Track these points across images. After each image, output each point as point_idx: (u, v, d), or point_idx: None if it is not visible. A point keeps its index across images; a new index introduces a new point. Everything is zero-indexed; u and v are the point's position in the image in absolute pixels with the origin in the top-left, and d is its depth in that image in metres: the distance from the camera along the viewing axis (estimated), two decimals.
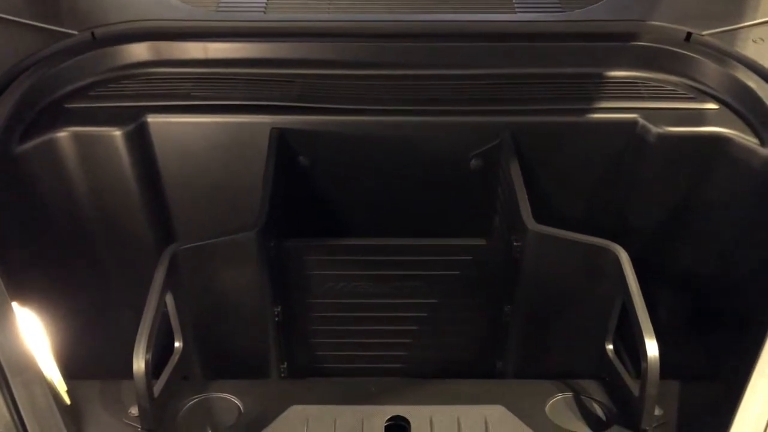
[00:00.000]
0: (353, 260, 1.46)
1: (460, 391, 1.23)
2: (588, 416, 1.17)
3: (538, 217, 1.33)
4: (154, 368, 1.14)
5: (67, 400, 1.09)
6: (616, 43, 1.54)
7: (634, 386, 1.14)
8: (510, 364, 1.51)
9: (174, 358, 1.22)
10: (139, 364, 1.08)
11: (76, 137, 1.42)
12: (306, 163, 1.52)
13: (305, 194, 1.56)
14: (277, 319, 1.46)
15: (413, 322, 1.54)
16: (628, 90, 1.50)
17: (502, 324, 1.49)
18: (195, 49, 1.54)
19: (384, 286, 1.49)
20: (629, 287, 1.17)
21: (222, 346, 1.41)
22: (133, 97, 1.48)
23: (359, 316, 1.52)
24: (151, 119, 1.45)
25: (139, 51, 1.53)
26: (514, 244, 1.36)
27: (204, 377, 1.40)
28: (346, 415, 1.00)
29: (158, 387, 1.13)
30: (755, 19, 1.58)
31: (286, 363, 1.54)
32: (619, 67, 1.53)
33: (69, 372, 1.12)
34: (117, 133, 1.42)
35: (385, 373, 1.52)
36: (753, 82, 1.43)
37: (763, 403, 0.96)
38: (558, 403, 1.19)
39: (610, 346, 1.26)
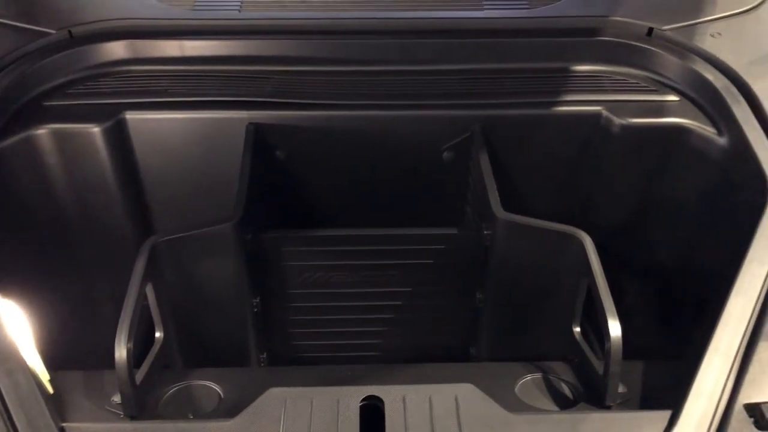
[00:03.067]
0: (330, 251, 1.50)
1: (433, 373, 1.28)
2: (556, 395, 1.22)
3: (508, 206, 1.38)
4: (136, 358, 1.17)
5: (50, 389, 1.11)
6: (581, 38, 1.59)
7: (599, 366, 1.19)
8: (483, 349, 1.56)
9: (155, 348, 1.25)
10: (120, 353, 1.11)
11: (55, 134, 1.44)
12: (282, 157, 1.56)
13: (282, 187, 1.60)
14: (255, 309, 1.49)
15: (389, 310, 1.58)
16: (593, 83, 1.55)
17: (475, 310, 1.54)
18: (171, 47, 1.57)
19: (360, 275, 1.52)
20: (593, 271, 1.22)
21: (202, 337, 1.44)
22: (110, 94, 1.50)
23: (337, 306, 1.56)
24: (129, 116, 1.48)
25: (117, 49, 1.56)
26: (485, 232, 1.41)
27: (185, 367, 1.43)
28: (323, 395, 1.03)
29: (140, 375, 1.16)
30: (713, 15, 1.63)
31: (265, 353, 1.57)
32: (584, 61, 1.58)
33: (52, 363, 1.15)
34: (95, 129, 1.45)
35: (362, 361, 1.55)
36: (711, 74, 1.49)
37: (716, 377, 1.02)
38: (527, 384, 1.24)
39: (578, 329, 1.32)
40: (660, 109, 1.50)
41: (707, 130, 1.44)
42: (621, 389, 1.18)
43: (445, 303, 1.57)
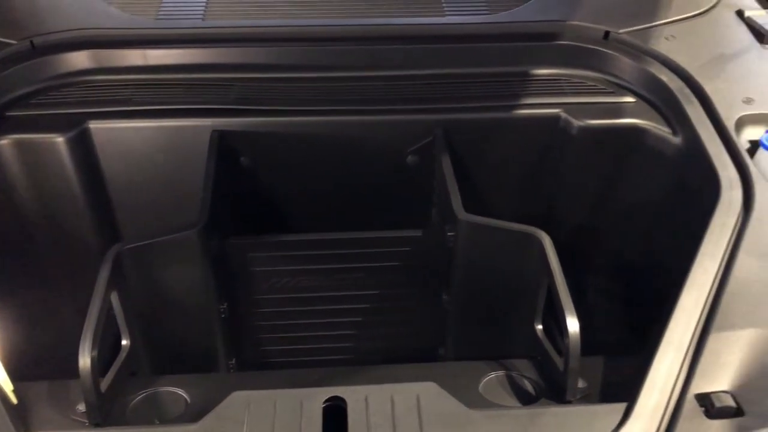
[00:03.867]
0: (296, 255, 1.52)
1: (398, 374, 1.30)
2: (518, 392, 1.25)
3: (471, 208, 1.40)
4: (103, 366, 1.17)
5: (14, 400, 1.11)
6: (540, 42, 1.63)
7: (560, 362, 1.22)
8: (451, 349, 1.58)
9: (121, 356, 1.25)
10: (84, 361, 1.11)
11: (18, 144, 1.44)
12: (247, 164, 1.57)
13: (248, 193, 1.61)
14: (223, 315, 1.50)
15: (357, 313, 1.60)
16: (552, 86, 1.58)
17: (442, 311, 1.56)
18: (135, 56, 1.58)
19: (327, 279, 1.54)
20: (552, 270, 1.25)
21: (170, 344, 1.44)
22: (74, 104, 1.51)
23: (305, 310, 1.57)
24: (93, 125, 1.48)
25: (79, 59, 1.56)
26: (448, 234, 1.44)
27: (153, 374, 1.43)
28: (286, 397, 1.04)
29: (105, 383, 1.17)
30: (668, 18, 1.68)
31: (234, 359, 1.58)
32: (543, 65, 1.61)
33: (16, 374, 1.15)
34: (59, 139, 1.45)
35: (332, 364, 1.57)
36: (665, 76, 1.53)
37: (669, 369, 1.05)
38: (491, 381, 1.26)
39: (540, 326, 1.34)
40: (617, 110, 1.54)
41: (662, 130, 1.48)
42: (581, 384, 1.21)
43: (413, 304, 1.59)
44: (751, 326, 1.07)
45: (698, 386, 1.02)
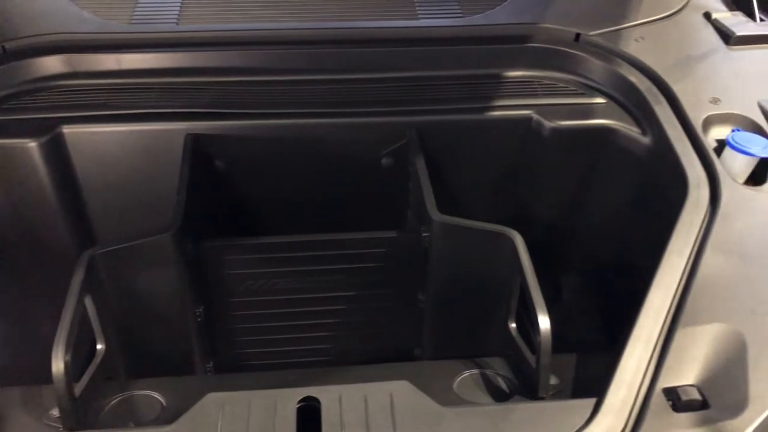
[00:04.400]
0: (272, 257, 1.52)
1: (374, 374, 1.31)
2: (492, 389, 1.27)
3: (446, 209, 1.42)
4: (78, 371, 1.17)
5: None
6: (512, 45, 1.65)
7: (532, 359, 1.24)
8: (427, 349, 1.59)
9: (96, 360, 1.25)
10: (58, 366, 1.11)
11: None
12: (222, 167, 1.57)
13: (224, 196, 1.61)
14: (199, 319, 1.50)
15: (334, 314, 1.60)
16: (524, 88, 1.60)
17: (418, 312, 1.57)
18: (108, 61, 1.58)
19: (303, 281, 1.54)
20: (524, 269, 1.27)
21: (146, 348, 1.44)
22: (47, 108, 1.50)
23: (281, 312, 1.57)
24: (67, 130, 1.48)
25: (52, 64, 1.56)
26: (423, 234, 1.45)
27: (129, 378, 1.43)
28: (260, 398, 1.05)
29: (79, 388, 1.17)
30: (637, 20, 1.71)
31: (211, 362, 1.58)
32: (515, 67, 1.63)
33: None
34: (32, 144, 1.44)
35: (309, 366, 1.57)
36: (635, 77, 1.56)
37: (638, 364, 1.07)
38: (465, 380, 1.28)
39: (513, 325, 1.36)
40: (588, 111, 1.56)
41: (632, 130, 1.51)
42: (553, 381, 1.23)
43: (389, 305, 1.60)
44: (717, 321, 1.09)
45: (665, 381, 1.04)
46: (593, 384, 1.15)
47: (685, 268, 1.18)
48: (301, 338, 1.61)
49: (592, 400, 1.04)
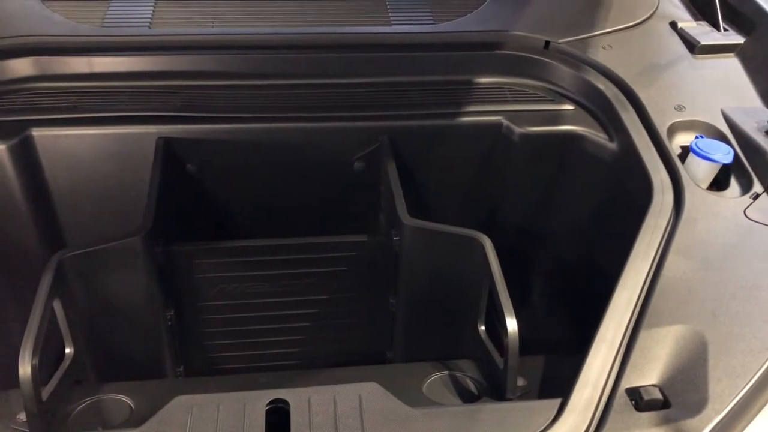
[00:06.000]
0: (243, 261, 1.52)
1: (344, 376, 1.31)
2: (461, 391, 1.28)
3: (418, 213, 1.43)
4: (47, 375, 1.16)
5: None
6: (483, 51, 1.67)
7: (500, 361, 1.26)
8: (399, 352, 1.61)
9: (64, 364, 1.24)
10: (24, 369, 1.10)
11: None
12: (194, 171, 1.57)
13: (195, 200, 1.61)
14: (169, 323, 1.50)
15: (306, 318, 1.61)
16: (494, 94, 1.63)
17: (390, 315, 1.59)
18: (79, 64, 1.57)
19: (275, 285, 1.55)
20: (492, 272, 1.29)
21: (116, 351, 1.44)
22: (16, 111, 1.49)
23: (253, 316, 1.58)
24: (36, 133, 1.47)
25: (22, 66, 1.55)
26: (394, 238, 1.46)
27: (98, 381, 1.42)
28: (229, 401, 1.05)
29: (47, 392, 1.16)
30: (605, 29, 1.74)
31: (182, 366, 1.58)
32: (486, 73, 1.66)
33: None
34: (1, 147, 1.43)
35: (281, 369, 1.57)
36: (603, 84, 1.59)
37: (602, 365, 1.09)
38: (434, 382, 1.29)
39: (482, 327, 1.38)
40: (556, 117, 1.59)
41: (599, 136, 1.54)
42: (521, 383, 1.24)
43: (361, 309, 1.61)
44: (679, 323, 1.12)
45: (629, 381, 1.06)
46: (560, 385, 1.17)
47: (649, 270, 1.21)
48: (272, 342, 1.62)
49: (558, 401, 1.06)
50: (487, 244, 1.33)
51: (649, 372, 1.07)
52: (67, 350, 1.27)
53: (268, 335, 1.61)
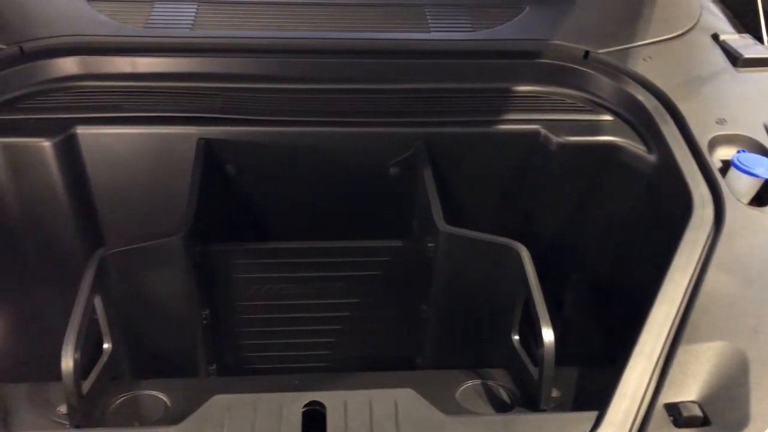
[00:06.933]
0: (279, 263, 1.53)
1: (377, 381, 1.32)
2: (494, 400, 1.27)
3: (452, 220, 1.43)
4: (84, 370, 1.18)
5: None
6: (521, 60, 1.67)
7: (534, 372, 1.25)
8: (428, 358, 1.61)
9: (102, 359, 1.26)
10: (67, 363, 1.12)
11: (6, 148, 1.45)
12: (232, 172, 1.59)
13: (233, 201, 1.63)
14: (204, 321, 1.51)
15: (337, 321, 1.61)
16: (532, 103, 1.62)
17: (420, 321, 1.59)
18: (123, 64, 1.60)
19: (308, 287, 1.56)
20: (529, 282, 1.28)
21: (151, 348, 1.46)
22: (62, 109, 1.52)
23: (286, 317, 1.59)
24: (80, 131, 1.50)
25: (68, 65, 1.58)
26: (429, 245, 1.46)
27: (133, 378, 1.44)
28: (266, 402, 1.06)
29: (86, 386, 1.18)
30: (646, 40, 1.73)
31: (215, 364, 1.59)
32: (524, 82, 1.65)
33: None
34: (46, 144, 1.46)
35: (311, 371, 1.58)
36: (642, 95, 1.58)
37: (640, 379, 1.08)
38: (467, 390, 1.29)
39: (516, 337, 1.37)
40: (595, 128, 1.58)
41: (638, 147, 1.53)
42: (555, 394, 1.24)
43: (392, 314, 1.61)
44: (719, 339, 1.10)
45: (667, 396, 1.05)
46: (593, 397, 1.17)
47: (689, 285, 1.19)
48: (303, 343, 1.63)
49: (594, 413, 1.05)
50: (524, 253, 1.33)
51: (689, 388, 1.06)
52: (105, 346, 1.29)
53: (299, 336, 1.62)
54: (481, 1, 1.82)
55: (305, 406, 1.07)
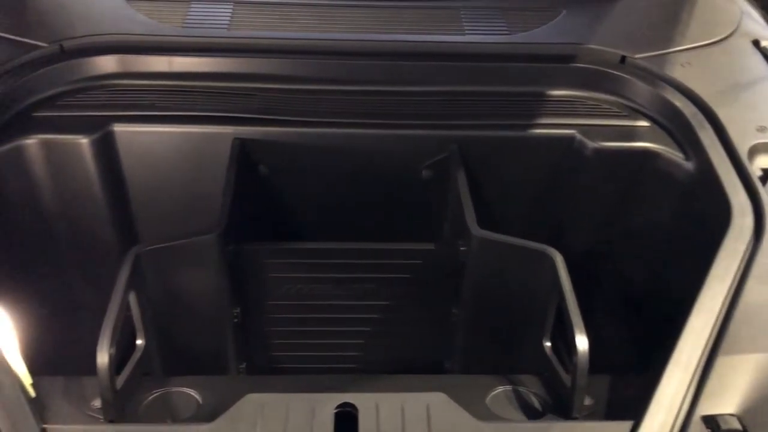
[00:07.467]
0: (310, 263, 1.54)
1: (407, 384, 1.32)
2: (525, 407, 1.26)
3: (484, 224, 1.43)
4: (117, 365, 1.19)
5: (32, 393, 1.14)
6: (557, 64, 1.65)
7: (567, 379, 1.24)
8: (458, 363, 1.60)
9: (136, 355, 1.28)
10: (102, 358, 1.13)
11: (44, 144, 1.48)
12: (266, 172, 1.60)
13: (266, 201, 1.64)
14: (235, 320, 1.52)
15: (367, 323, 1.61)
16: (567, 108, 1.61)
17: (451, 325, 1.58)
18: (160, 63, 1.61)
19: (339, 288, 1.56)
20: (563, 288, 1.27)
21: (182, 345, 1.47)
22: (99, 107, 1.54)
23: (316, 318, 1.59)
24: (118, 128, 1.52)
25: (106, 63, 1.60)
26: (461, 248, 1.46)
27: (164, 374, 1.46)
28: (298, 402, 1.07)
29: (120, 381, 1.19)
30: (684, 45, 1.70)
31: (244, 363, 1.60)
32: (559, 86, 1.64)
33: (35, 368, 1.17)
34: (84, 141, 1.48)
35: (339, 372, 1.59)
36: (680, 102, 1.55)
37: (677, 389, 1.06)
38: (498, 395, 1.28)
39: (548, 343, 1.36)
40: (631, 133, 1.56)
41: (675, 154, 1.50)
42: (587, 402, 1.22)
43: (422, 316, 1.61)
44: (759, 351, 1.08)
45: (705, 408, 1.03)
46: (626, 406, 1.15)
47: (727, 295, 1.17)
48: (333, 344, 1.63)
49: (629, 423, 1.04)
50: (558, 259, 1.31)
51: (727, 400, 1.04)
52: (138, 342, 1.30)
53: (329, 337, 1.62)
54: (517, 3, 1.81)
55: (337, 407, 1.07)
